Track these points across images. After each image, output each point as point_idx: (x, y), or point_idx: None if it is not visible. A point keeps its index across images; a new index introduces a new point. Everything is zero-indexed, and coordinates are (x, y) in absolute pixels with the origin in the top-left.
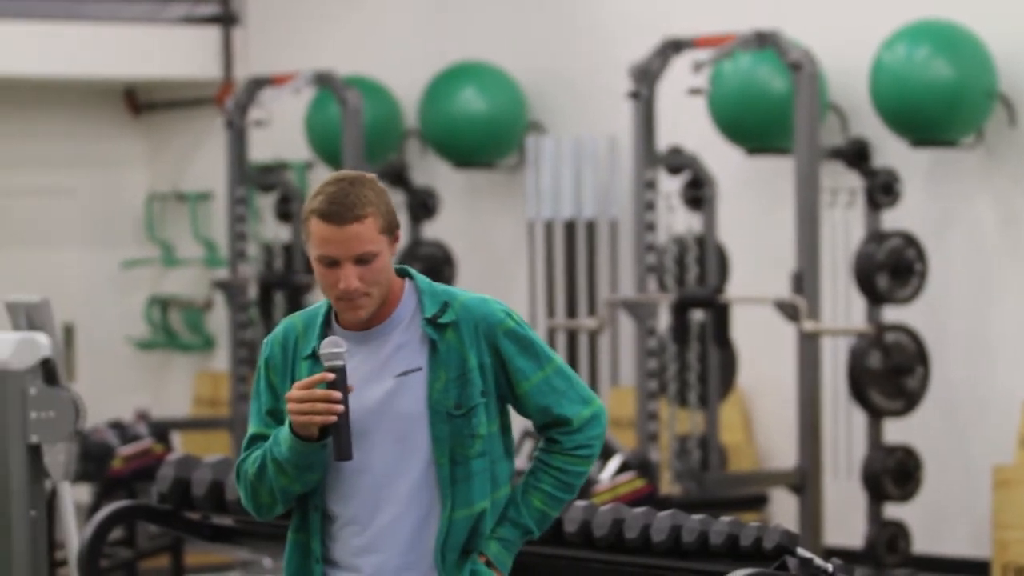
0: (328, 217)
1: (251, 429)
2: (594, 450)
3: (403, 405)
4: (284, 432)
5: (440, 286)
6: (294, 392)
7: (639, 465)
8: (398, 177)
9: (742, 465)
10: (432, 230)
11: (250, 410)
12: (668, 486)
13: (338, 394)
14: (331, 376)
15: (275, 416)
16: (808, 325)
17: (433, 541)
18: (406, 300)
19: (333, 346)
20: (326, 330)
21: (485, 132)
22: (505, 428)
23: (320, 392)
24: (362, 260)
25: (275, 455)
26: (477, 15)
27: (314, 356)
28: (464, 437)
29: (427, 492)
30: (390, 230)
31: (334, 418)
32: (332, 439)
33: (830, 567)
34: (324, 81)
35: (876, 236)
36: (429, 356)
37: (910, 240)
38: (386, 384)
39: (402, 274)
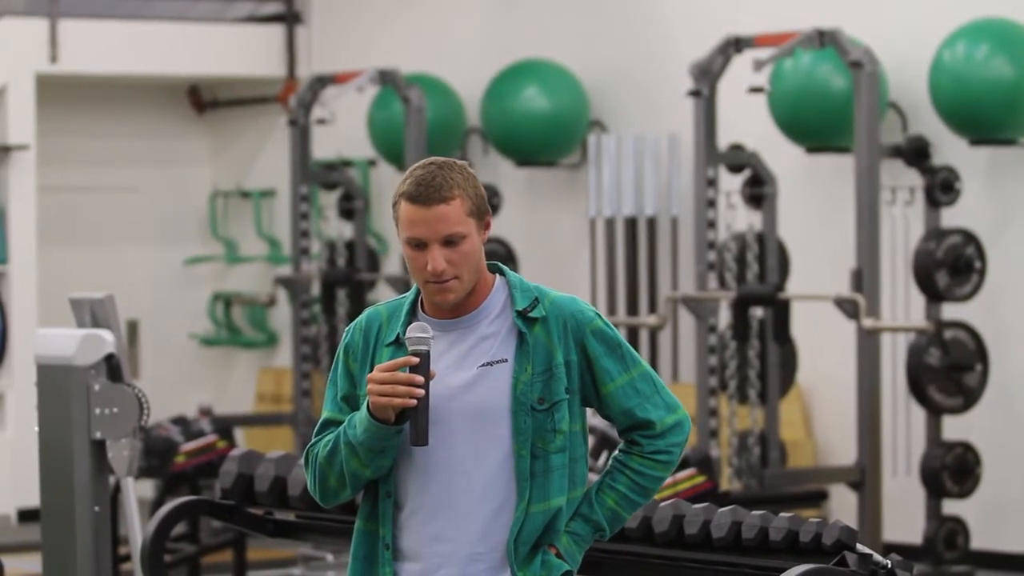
0: (415, 199)
1: (325, 414)
2: (674, 457)
3: (485, 395)
4: (361, 414)
5: (531, 283)
6: (376, 374)
7: (699, 461)
8: None
9: (801, 461)
10: (494, 227)
11: (326, 393)
12: (728, 482)
13: (420, 378)
14: (415, 360)
15: (350, 402)
16: (868, 322)
17: (505, 534)
18: (496, 293)
19: (419, 331)
20: (411, 318)
21: (547, 130)
22: (584, 430)
23: (402, 375)
24: (449, 241)
25: (349, 438)
26: (539, 13)
27: (397, 343)
28: (546, 432)
29: (502, 484)
30: (479, 214)
31: (413, 402)
32: (409, 423)
33: (889, 563)
34: (387, 79)
35: (935, 234)
36: (517, 348)
37: (969, 238)
38: (469, 373)
39: (494, 270)
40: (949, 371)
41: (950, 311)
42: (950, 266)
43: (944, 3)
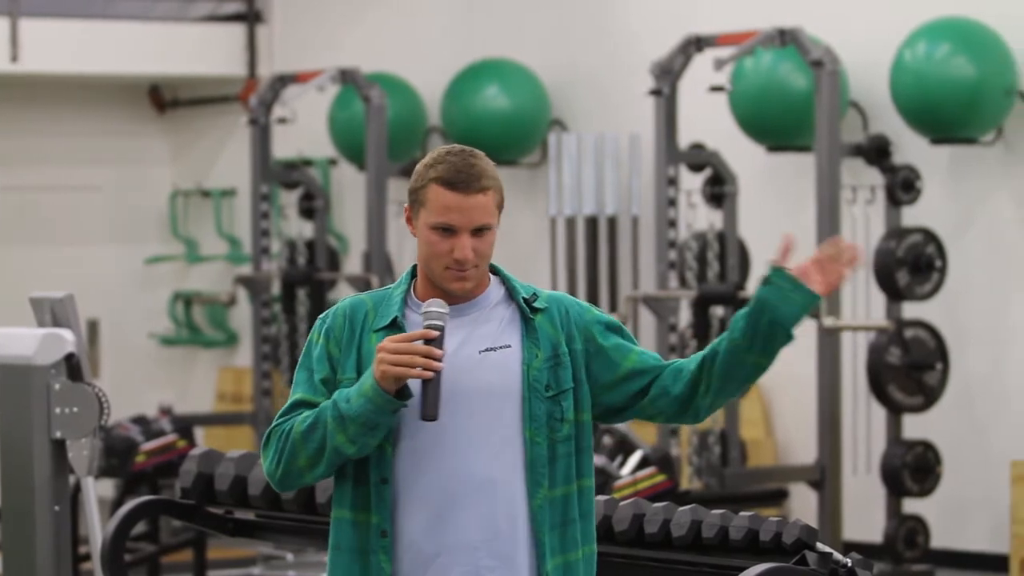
0: (454, 185)
1: (296, 395)
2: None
3: (491, 380)
4: (362, 386)
5: (524, 283)
6: (389, 344)
7: (659, 460)
8: None
9: (762, 460)
10: None
11: (295, 379)
12: (688, 481)
13: (439, 351)
14: (433, 333)
15: (328, 386)
16: (828, 321)
17: (509, 521)
18: (493, 288)
19: (438, 307)
20: (404, 307)
21: (507, 129)
22: (591, 422)
23: (421, 347)
24: (479, 231)
25: (341, 411)
26: (500, 13)
27: (392, 326)
28: (555, 420)
29: (506, 470)
30: (501, 207)
31: (430, 374)
32: (423, 396)
33: (849, 562)
34: (348, 78)
35: (896, 233)
36: (523, 335)
37: (930, 236)
38: (471, 358)
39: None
40: (909, 370)
41: (910, 310)
42: (911, 265)
43: (905, 2)
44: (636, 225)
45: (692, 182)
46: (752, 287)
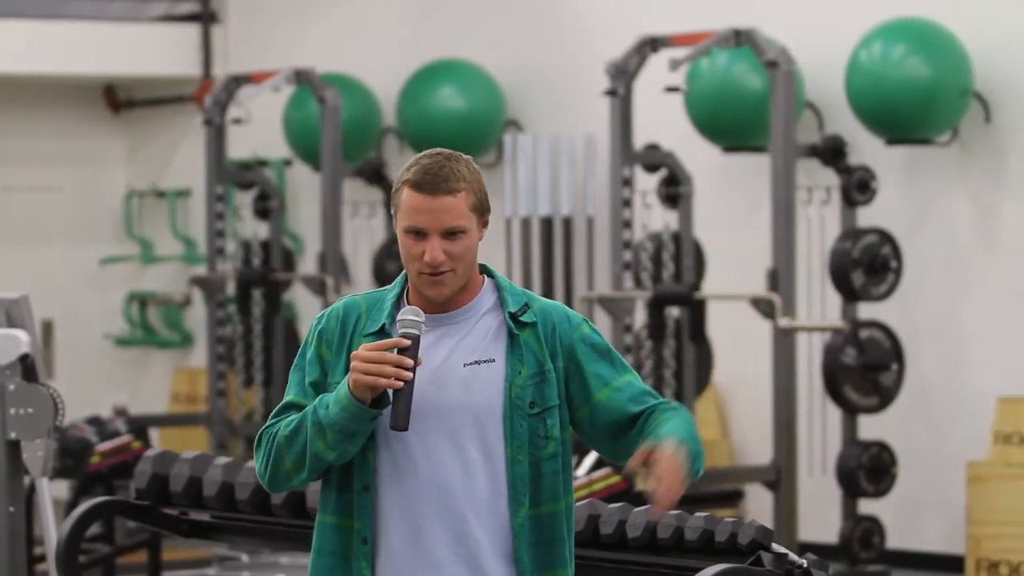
0: (420, 187)
1: (287, 397)
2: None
3: (475, 395)
4: (338, 393)
5: (519, 288)
6: (362, 352)
7: None
8: (376, 174)
9: (717, 461)
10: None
11: (289, 380)
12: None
13: (409, 360)
14: (405, 342)
15: (318, 389)
16: (783, 322)
17: (488, 537)
18: (484, 294)
19: (413, 314)
20: (396, 311)
21: (462, 130)
22: (570, 441)
23: (392, 355)
24: (450, 234)
25: (319, 417)
26: (455, 13)
27: (380, 332)
28: (539, 438)
29: (485, 486)
30: (481, 211)
31: (399, 384)
32: (392, 406)
33: (804, 562)
34: (303, 79)
35: (851, 233)
36: (508, 350)
37: (885, 237)
38: (456, 370)
39: (482, 271)
40: (865, 370)
41: (866, 310)
42: (866, 265)
43: (860, 3)
44: (591, 226)
45: (647, 183)
46: (708, 288)
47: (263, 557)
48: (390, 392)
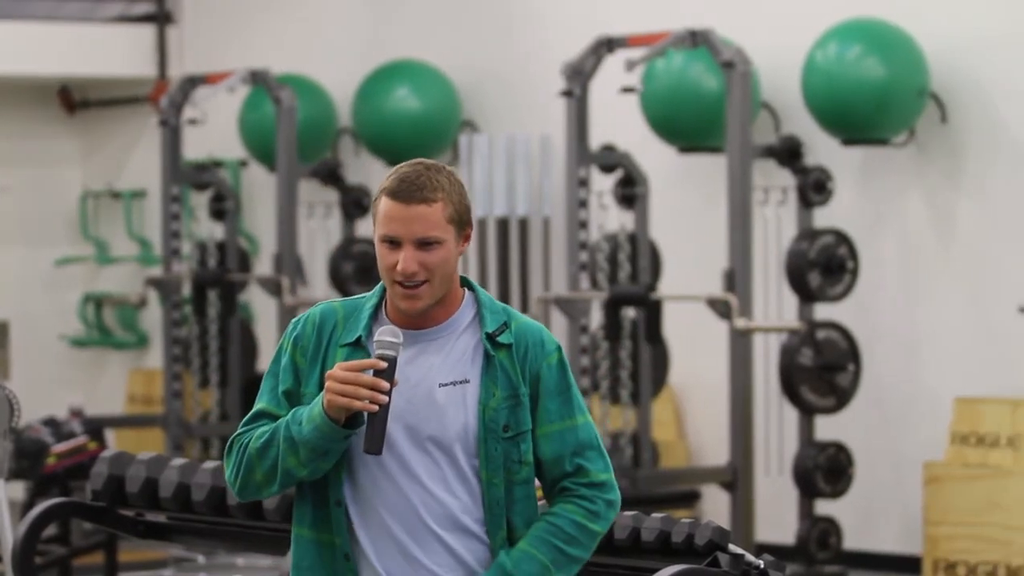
0: (395, 195)
1: (259, 404)
2: (601, 512)
3: (448, 416)
4: (311, 411)
5: (499, 303)
6: (337, 372)
7: None
8: (331, 175)
9: (674, 462)
10: (365, 228)
11: (262, 386)
12: None
13: (385, 384)
14: (382, 364)
15: (291, 398)
16: (740, 322)
17: (469, 558)
18: (464, 309)
19: (390, 335)
20: (374, 322)
21: (418, 130)
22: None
23: (368, 378)
24: (424, 244)
25: (291, 433)
26: (410, 14)
27: (357, 344)
28: (512, 462)
29: (459, 509)
30: (459, 223)
31: (374, 407)
32: (367, 429)
33: (761, 563)
34: (258, 80)
35: (808, 234)
36: (482, 371)
37: (842, 238)
38: (431, 390)
39: (463, 284)
40: (821, 371)
41: (822, 311)
42: (822, 266)
43: (816, 4)
44: (547, 226)
45: (603, 183)
46: (664, 288)
47: (219, 558)
48: (364, 413)
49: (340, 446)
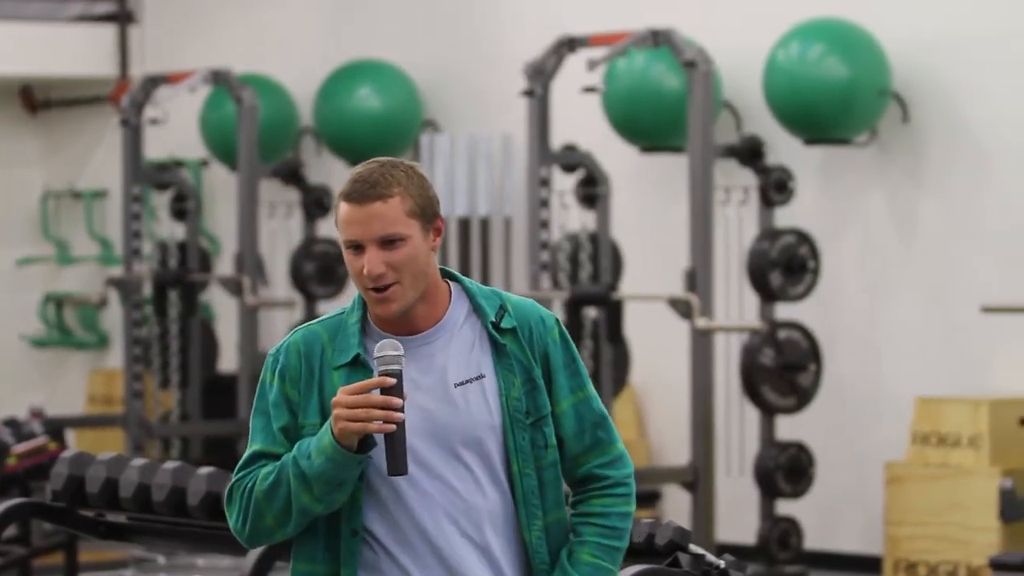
0: (350, 197)
1: (254, 446)
2: (632, 488)
3: (469, 417)
4: (320, 443)
5: (487, 287)
6: (344, 397)
7: None
8: (293, 175)
9: (635, 462)
10: (327, 228)
11: (252, 426)
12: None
13: (398, 401)
14: (390, 381)
15: (289, 434)
16: (701, 322)
17: (503, 559)
18: (456, 304)
19: (391, 349)
20: (364, 337)
21: (380, 130)
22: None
23: (378, 397)
24: (387, 242)
25: (301, 469)
26: (372, 13)
27: (355, 363)
28: (539, 448)
29: (493, 509)
30: (424, 216)
31: (392, 427)
32: (387, 451)
33: (722, 563)
34: (219, 79)
35: (769, 234)
36: (495, 362)
37: (803, 237)
38: (445, 394)
39: (445, 276)
40: (782, 371)
41: (784, 311)
42: (784, 266)
43: (778, 3)
44: (509, 226)
45: (565, 183)
46: (625, 288)
47: (179, 558)
48: (376, 435)
49: (354, 473)
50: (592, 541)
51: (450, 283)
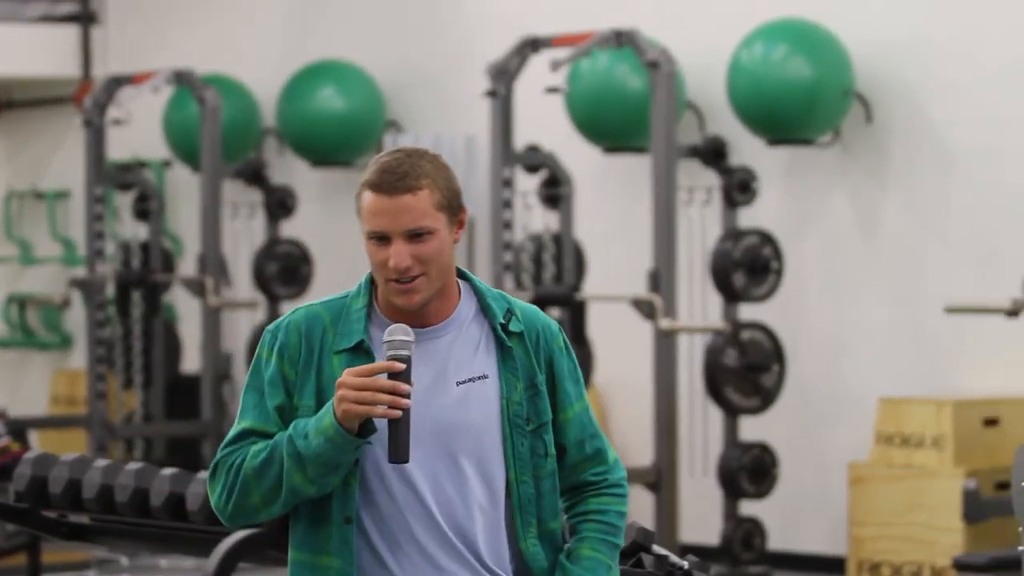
0: (378, 187)
1: (244, 422)
2: (626, 489)
3: (468, 416)
4: (320, 424)
5: (494, 289)
6: (350, 379)
7: None
8: (255, 175)
9: None
10: (290, 229)
11: (243, 402)
12: None
13: (406, 387)
14: (399, 366)
15: (283, 413)
16: (664, 323)
17: (496, 565)
18: (465, 301)
19: (402, 334)
20: (369, 323)
21: (342, 131)
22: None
23: (386, 382)
24: (415, 235)
25: (297, 448)
26: (335, 14)
27: (357, 349)
28: (538, 456)
29: (486, 512)
30: (451, 209)
31: (397, 413)
32: (390, 438)
33: (686, 564)
34: (182, 80)
35: (732, 234)
36: (500, 364)
37: (766, 238)
38: (447, 391)
39: (458, 274)
40: (746, 372)
41: (747, 312)
42: (747, 267)
43: (741, 4)
44: (472, 227)
45: (528, 183)
46: (588, 289)
47: (142, 559)
48: (380, 419)
49: (351, 457)
50: (592, 537)
51: (460, 280)
